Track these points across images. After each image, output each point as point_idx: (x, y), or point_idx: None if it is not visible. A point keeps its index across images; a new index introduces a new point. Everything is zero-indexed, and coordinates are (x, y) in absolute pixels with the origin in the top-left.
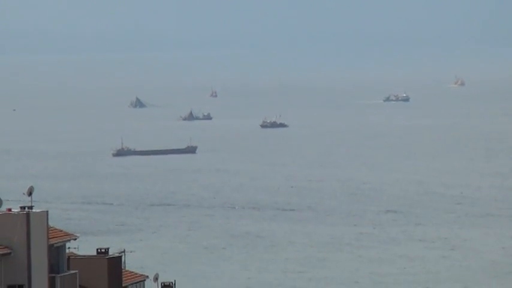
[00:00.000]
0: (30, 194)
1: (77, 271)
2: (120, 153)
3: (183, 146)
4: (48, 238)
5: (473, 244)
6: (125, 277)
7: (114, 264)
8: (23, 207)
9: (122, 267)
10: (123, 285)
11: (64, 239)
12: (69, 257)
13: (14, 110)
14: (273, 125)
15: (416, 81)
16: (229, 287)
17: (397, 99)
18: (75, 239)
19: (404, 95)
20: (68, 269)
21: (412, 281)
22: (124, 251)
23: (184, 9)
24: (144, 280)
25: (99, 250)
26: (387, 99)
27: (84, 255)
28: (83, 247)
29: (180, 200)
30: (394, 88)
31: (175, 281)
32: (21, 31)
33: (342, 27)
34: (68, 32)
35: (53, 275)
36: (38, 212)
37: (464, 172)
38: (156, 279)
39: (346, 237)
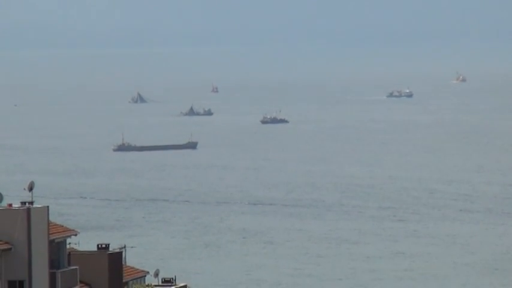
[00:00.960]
0: (30, 189)
1: (77, 267)
2: (121, 148)
3: (183, 141)
4: (49, 233)
5: (473, 240)
6: (126, 273)
7: (114, 260)
8: (23, 203)
9: (123, 263)
10: (124, 280)
11: (64, 235)
12: (69, 252)
13: (15, 105)
14: (274, 120)
15: (419, 77)
16: (229, 283)
17: (400, 95)
18: (76, 235)
19: (408, 90)
20: (69, 264)
21: (411, 277)
22: (125, 247)
23: (185, 5)
24: (145, 276)
25: (99, 246)
26: (390, 95)
27: (85, 251)
28: (83, 243)
29: (181, 195)
30: (398, 84)
31: (175, 276)
32: (23, 26)
33: (344, 23)
34: (69, 27)
35: (54, 270)
36: (39, 208)
37: (465, 168)
38: (156, 274)
39: (345, 234)
